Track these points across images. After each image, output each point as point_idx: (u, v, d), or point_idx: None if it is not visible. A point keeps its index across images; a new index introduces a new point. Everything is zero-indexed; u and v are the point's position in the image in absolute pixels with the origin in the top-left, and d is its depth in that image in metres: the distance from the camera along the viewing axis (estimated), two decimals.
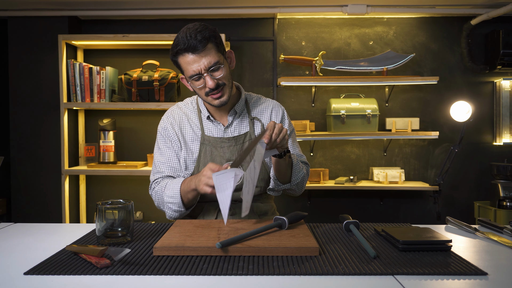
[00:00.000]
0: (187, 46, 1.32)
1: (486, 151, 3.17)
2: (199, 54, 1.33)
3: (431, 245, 1.07)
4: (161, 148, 1.53)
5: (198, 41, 1.31)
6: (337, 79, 2.93)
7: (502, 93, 3.11)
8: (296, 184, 1.47)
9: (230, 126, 1.51)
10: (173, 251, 1.03)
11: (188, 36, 1.32)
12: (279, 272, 0.91)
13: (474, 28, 3.09)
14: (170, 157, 1.50)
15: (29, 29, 3.07)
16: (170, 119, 1.54)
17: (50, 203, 3.10)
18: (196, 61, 1.34)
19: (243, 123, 1.52)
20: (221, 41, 1.40)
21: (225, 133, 1.50)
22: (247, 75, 3.19)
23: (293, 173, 1.45)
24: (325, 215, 3.18)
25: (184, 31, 1.34)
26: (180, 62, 1.38)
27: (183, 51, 1.34)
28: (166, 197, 1.41)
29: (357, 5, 2.94)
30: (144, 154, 3.17)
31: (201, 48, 1.32)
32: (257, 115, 1.54)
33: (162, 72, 2.89)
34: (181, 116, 1.54)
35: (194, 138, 1.50)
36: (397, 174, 2.97)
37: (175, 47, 1.35)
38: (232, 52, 1.47)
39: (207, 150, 1.47)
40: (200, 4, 2.97)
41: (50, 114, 3.09)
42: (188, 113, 1.54)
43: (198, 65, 1.34)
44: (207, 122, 1.51)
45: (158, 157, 1.53)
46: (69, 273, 0.92)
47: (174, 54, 1.37)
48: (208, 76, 1.36)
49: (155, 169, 1.52)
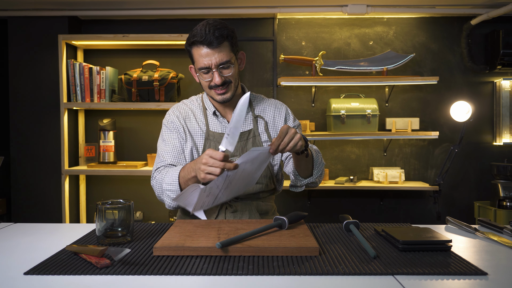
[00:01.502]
0: (204, 39, 1.36)
1: (486, 151, 3.17)
2: (213, 49, 1.37)
3: (431, 245, 1.07)
4: (165, 139, 1.53)
5: (215, 37, 1.36)
6: (337, 79, 2.93)
7: (502, 93, 3.11)
8: (318, 176, 1.49)
9: None
10: (173, 251, 1.03)
11: (207, 30, 1.36)
12: (279, 272, 0.91)
13: (474, 28, 3.09)
14: (175, 145, 1.50)
15: (29, 29, 3.07)
16: (176, 112, 1.55)
17: (50, 203, 3.10)
18: (209, 55, 1.38)
19: (247, 120, 1.54)
20: (237, 42, 1.45)
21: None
22: (247, 75, 3.19)
23: (314, 166, 1.46)
24: (325, 215, 3.18)
25: (204, 24, 1.38)
26: (193, 53, 1.42)
27: (198, 43, 1.38)
28: (165, 184, 1.40)
29: (357, 5, 2.94)
30: (144, 154, 3.17)
31: (216, 44, 1.37)
32: (260, 113, 1.57)
33: (162, 72, 2.89)
34: (187, 110, 1.56)
35: (199, 132, 1.52)
36: (397, 174, 2.97)
37: (192, 38, 1.39)
38: (244, 54, 1.52)
39: (212, 146, 1.49)
40: (200, 4, 2.97)
41: (50, 114, 3.09)
42: (193, 108, 1.57)
43: (210, 59, 1.38)
44: (212, 118, 1.53)
45: (162, 147, 1.52)
46: (69, 273, 0.92)
47: (189, 43, 1.41)
48: (216, 72, 1.40)
49: (158, 159, 1.51)
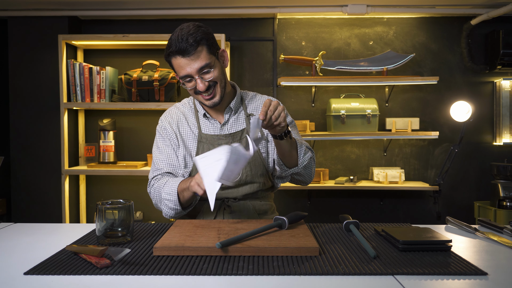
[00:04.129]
0: (178, 49, 1.33)
1: (486, 151, 3.17)
2: (190, 57, 1.34)
3: (431, 245, 1.07)
4: (160, 146, 1.54)
5: (189, 44, 1.32)
6: (337, 79, 2.93)
7: (502, 93, 3.11)
8: (303, 167, 1.43)
9: (227, 123, 1.52)
10: (173, 251, 1.03)
11: (180, 38, 1.32)
12: (279, 272, 0.91)
13: (474, 28, 3.09)
14: (169, 154, 1.52)
15: (29, 29, 3.07)
16: (168, 118, 1.56)
17: (50, 203, 3.10)
18: (187, 64, 1.35)
19: (239, 119, 1.53)
20: (214, 41, 1.40)
21: (222, 131, 1.51)
22: (247, 75, 3.19)
23: (299, 154, 1.41)
24: (325, 215, 3.18)
25: (177, 33, 1.35)
26: (173, 63, 1.39)
27: (174, 53, 1.35)
28: (163, 194, 1.41)
29: (357, 5, 2.94)
30: (144, 154, 3.17)
31: (191, 51, 1.33)
32: (253, 111, 1.56)
33: (162, 72, 2.89)
34: (179, 115, 1.56)
35: (191, 136, 1.52)
36: (397, 174, 2.97)
37: (168, 49, 1.37)
38: (225, 51, 1.47)
39: (205, 148, 1.48)
40: (200, 4, 2.97)
41: (50, 114, 3.09)
42: (185, 112, 1.56)
43: (189, 68, 1.35)
44: (203, 120, 1.53)
45: (157, 155, 1.54)
46: (69, 273, 0.92)
47: (166, 55, 1.39)
48: (198, 79, 1.36)
49: (154, 167, 1.53)
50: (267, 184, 1.54)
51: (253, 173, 1.49)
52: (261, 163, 1.50)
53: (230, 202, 1.48)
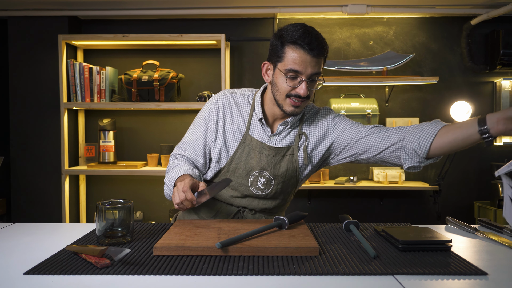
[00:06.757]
0: (310, 43, 1.25)
1: (486, 151, 3.17)
2: (312, 57, 1.27)
3: (431, 245, 1.07)
4: (195, 129, 1.46)
5: (322, 47, 1.27)
6: (337, 79, 2.93)
7: (502, 93, 3.11)
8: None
9: (278, 135, 1.42)
10: (173, 251, 1.03)
11: (313, 38, 1.26)
12: (279, 272, 0.91)
13: (474, 28, 3.09)
14: (198, 141, 1.43)
15: (29, 29, 3.07)
16: (219, 103, 1.44)
17: (50, 203, 3.10)
18: (306, 61, 1.27)
19: (291, 135, 1.43)
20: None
21: (270, 141, 1.41)
22: (247, 75, 3.19)
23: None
24: (325, 215, 3.18)
25: (306, 29, 1.28)
26: (287, 51, 1.28)
27: (303, 44, 1.25)
28: (166, 177, 1.38)
29: (357, 5, 2.94)
30: (144, 154, 3.17)
31: (320, 55, 1.28)
32: (307, 131, 1.45)
33: (162, 72, 2.89)
34: (232, 107, 1.44)
35: (236, 133, 1.42)
36: (397, 174, 2.97)
37: (292, 36, 1.27)
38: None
39: (245, 151, 1.40)
40: (200, 4, 2.97)
41: (50, 114, 3.09)
42: (241, 106, 1.45)
43: (305, 66, 1.27)
44: (256, 123, 1.42)
45: (189, 134, 1.46)
46: (69, 273, 0.92)
47: (288, 40, 1.28)
48: (305, 82, 1.28)
49: (181, 143, 1.47)
50: (288, 200, 1.50)
51: (283, 190, 1.44)
52: (295, 183, 1.45)
53: (246, 213, 1.44)
